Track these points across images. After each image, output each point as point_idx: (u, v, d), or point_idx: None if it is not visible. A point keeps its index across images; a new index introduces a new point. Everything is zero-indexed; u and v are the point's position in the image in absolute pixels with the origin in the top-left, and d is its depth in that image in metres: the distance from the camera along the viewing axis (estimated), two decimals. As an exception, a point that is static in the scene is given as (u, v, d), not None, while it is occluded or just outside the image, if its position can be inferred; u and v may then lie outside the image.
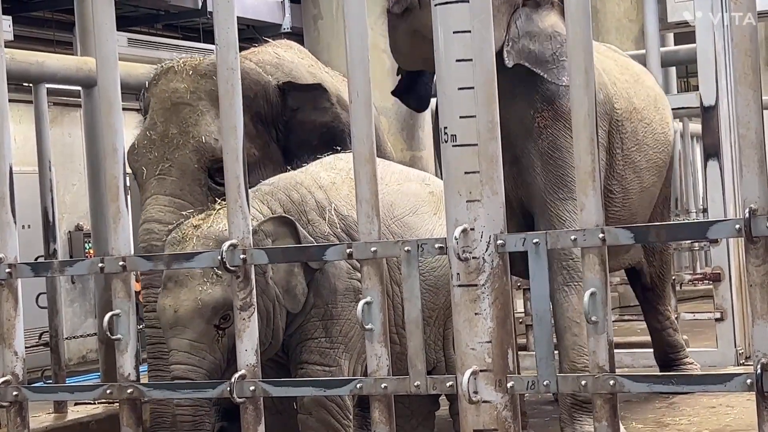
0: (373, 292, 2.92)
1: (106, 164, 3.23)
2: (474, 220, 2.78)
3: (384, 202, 4.55)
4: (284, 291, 4.14)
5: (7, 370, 3.33)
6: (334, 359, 4.22)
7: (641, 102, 5.93)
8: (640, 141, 5.86)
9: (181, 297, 3.99)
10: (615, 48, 6.71)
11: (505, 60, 5.02)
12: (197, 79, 4.86)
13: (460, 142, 2.79)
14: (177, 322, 3.99)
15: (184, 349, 3.98)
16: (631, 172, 5.79)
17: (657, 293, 6.68)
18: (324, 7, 8.44)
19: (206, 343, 3.97)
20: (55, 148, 9.30)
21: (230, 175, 3.09)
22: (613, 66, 5.99)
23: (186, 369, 3.96)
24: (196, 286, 3.96)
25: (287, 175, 4.52)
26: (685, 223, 2.84)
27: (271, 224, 4.11)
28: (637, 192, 5.88)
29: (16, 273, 3.32)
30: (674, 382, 2.76)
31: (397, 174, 4.74)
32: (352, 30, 2.91)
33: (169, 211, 4.67)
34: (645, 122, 5.92)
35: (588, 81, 2.74)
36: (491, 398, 2.78)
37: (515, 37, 5.07)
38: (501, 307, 2.78)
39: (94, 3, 3.22)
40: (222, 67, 3.07)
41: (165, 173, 4.74)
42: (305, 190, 4.38)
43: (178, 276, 4.00)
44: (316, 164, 4.60)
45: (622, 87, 5.81)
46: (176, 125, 4.78)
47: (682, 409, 6.09)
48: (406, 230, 4.47)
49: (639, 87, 6.01)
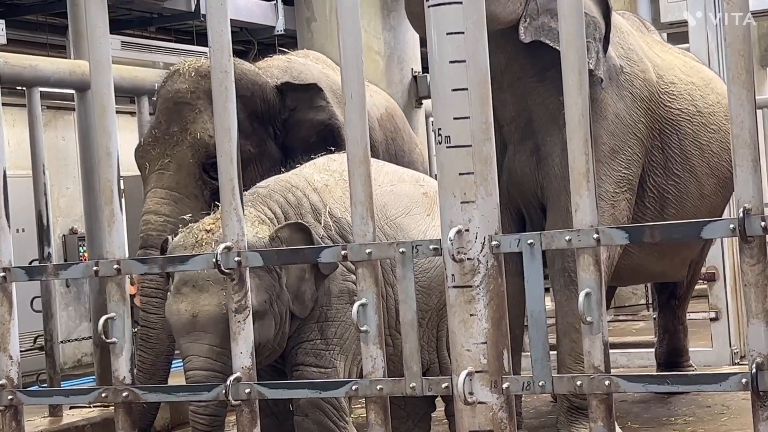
0: (369, 293, 2.92)
1: (100, 167, 3.23)
2: (469, 221, 2.77)
3: (377, 203, 4.55)
4: (294, 296, 4.12)
5: (2, 374, 3.32)
6: (329, 361, 4.22)
7: (708, 107, 5.80)
8: (702, 146, 5.72)
9: (201, 301, 3.94)
10: (692, 55, 6.63)
11: (521, 35, 4.92)
12: (198, 79, 5.13)
13: (455, 143, 2.79)
14: (196, 327, 3.93)
15: (205, 355, 3.91)
16: (689, 176, 5.67)
17: (681, 300, 6.70)
18: (317, 9, 8.45)
19: (228, 348, 3.93)
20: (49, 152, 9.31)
21: (224, 178, 3.08)
22: (679, 65, 5.88)
23: (208, 375, 3.89)
24: (218, 291, 3.87)
25: (281, 178, 4.52)
26: (679, 222, 2.84)
27: (287, 230, 4.10)
28: (696, 197, 5.74)
29: (10, 277, 3.31)
30: (670, 381, 2.76)
31: (390, 175, 4.74)
32: (345, 32, 2.91)
33: (164, 203, 4.97)
34: (711, 128, 5.77)
35: (581, 81, 2.74)
36: (487, 399, 2.78)
37: (533, 13, 4.95)
38: (496, 308, 2.78)
39: (87, 6, 3.22)
40: (216, 69, 3.07)
41: (164, 168, 5.05)
42: (300, 192, 4.39)
43: (195, 280, 3.95)
44: (308, 166, 4.60)
45: (683, 88, 5.69)
46: (177, 123, 5.09)
47: (677, 408, 6.10)
48: (399, 231, 4.47)
49: (707, 92, 5.87)
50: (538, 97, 5.13)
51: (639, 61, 5.47)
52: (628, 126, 5.31)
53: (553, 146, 5.15)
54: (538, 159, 5.24)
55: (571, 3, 2.74)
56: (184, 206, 4.97)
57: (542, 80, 5.09)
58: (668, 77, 5.65)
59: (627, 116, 5.31)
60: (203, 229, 4.09)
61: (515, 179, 5.31)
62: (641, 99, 5.39)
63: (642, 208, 5.50)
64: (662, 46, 6.11)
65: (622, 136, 5.28)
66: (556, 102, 5.14)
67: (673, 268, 6.16)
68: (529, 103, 5.22)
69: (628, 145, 5.30)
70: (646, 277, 6.70)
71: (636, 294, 10.33)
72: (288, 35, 12.58)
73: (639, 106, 5.38)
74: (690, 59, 6.28)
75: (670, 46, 6.36)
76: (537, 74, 5.12)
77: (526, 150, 5.28)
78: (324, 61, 6.19)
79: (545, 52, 4.96)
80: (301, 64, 5.76)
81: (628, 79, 5.36)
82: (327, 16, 8.36)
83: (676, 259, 6.11)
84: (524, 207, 5.40)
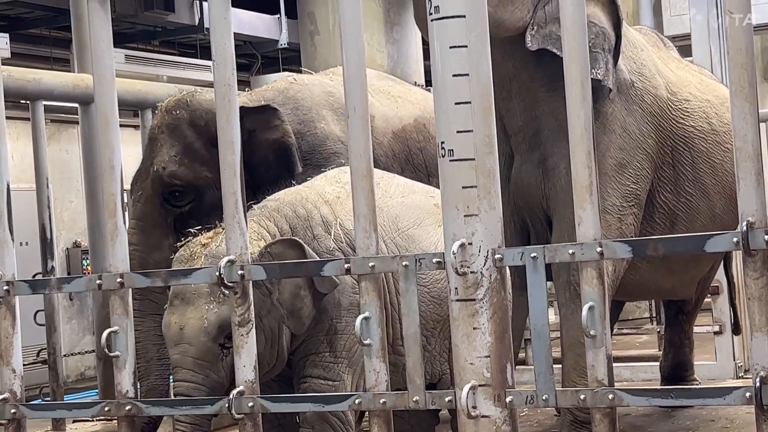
0: (372, 307, 2.92)
1: (103, 181, 3.23)
2: (472, 235, 2.77)
3: (388, 214, 4.57)
4: (289, 312, 4.13)
5: (5, 388, 3.32)
6: (337, 374, 4.22)
7: (722, 125, 5.72)
8: (715, 164, 5.64)
9: (188, 314, 4.00)
10: (710, 73, 6.60)
11: (528, 43, 4.90)
12: (163, 115, 5.53)
13: (457, 156, 2.79)
14: (182, 339, 4.00)
15: (188, 367, 3.98)
16: (700, 194, 5.60)
17: (689, 315, 6.68)
18: (320, 22, 8.47)
19: (210, 361, 3.97)
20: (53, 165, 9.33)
21: (227, 191, 3.09)
22: (694, 83, 5.80)
23: (189, 386, 3.96)
24: (203, 304, 3.97)
25: (292, 190, 4.55)
26: (682, 236, 2.83)
27: (280, 246, 4.11)
28: (707, 216, 5.66)
29: (13, 290, 3.32)
30: (673, 395, 2.76)
31: (401, 186, 4.75)
32: (348, 45, 2.92)
33: (133, 232, 5.27)
34: (725, 146, 5.68)
35: (584, 94, 2.75)
36: (490, 413, 2.77)
37: (541, 21, 4.92)
38: (499, 321, 2.78)
39: (91, 20, 3.23)
40: (219, 83, 3.07)
41: (137, 200, 5.51)
42: (311, 205, 4.40)
43: (185, 293, 4.00)
44: (320, 178, 4.64)
45: (697, 105, 5.62)
46: (147, 158, 5.53)
47: (681, 422, 6.08)
48: (411, 243, 4.48)
49: (723, 110, 5.77)
50: (547, 108, 5.12)
51: (651, 76, 5.45)
52: (636, 141, 5.29)
53: (560, 158, 5.12)
54: (544, 170, 5.22)
55: (574, 16, 2.75)
56: (150, 235, 5.39)
57: (551, 90, 5.08)
58: (682, 94, 5.61)
59: (636, 131, 5.29)
60: (200, 243, 4.15)
61: (521, 190, 5.30)
62: (651, 114, 5.37)
63: (652, 224, 5.47)
64: (678, 63, 6.07)
65: (630, 150, 5.26)
66: (564, 113, 5.11)
67: (682, 285, 6.14)
68: (537, 113, 5.21)
69: (636, 160, 5.28)
70: (655, 293, 6.67)
71: (640, 308, 10.31)
72: (291, 49, 12.59)
73: (649, 121, 5.35)
74: (707, 77, 6.25)
75: (688, 64, 6.32)
76: (546, 84, 5.11)
77: (533, 161, 5.26)
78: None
79: (554, 63, 4.95)
80: (302, 86, 5.90)
81: (639, 94, 5.34)
82: (330, 30, 8.38)
83: (686, 277, 6.08)
84: (529, 218, 5.38)
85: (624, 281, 5.32)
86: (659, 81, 5.48)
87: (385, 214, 4.53)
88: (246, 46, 13.07)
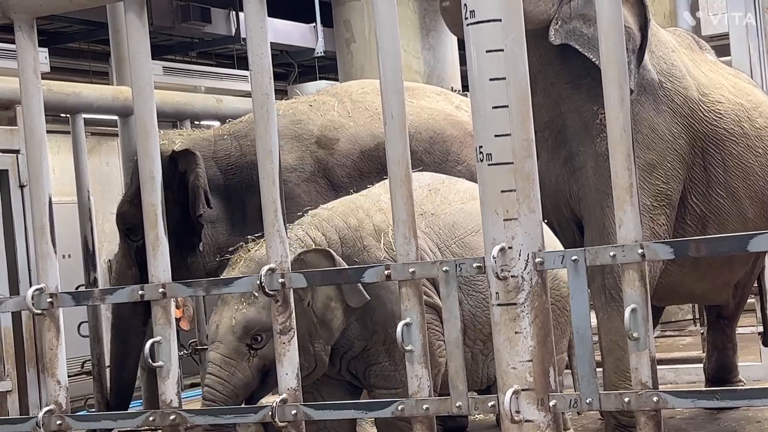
0: (412, 313, 2.91)
1: (144, 192, 3.25)
2: (512, 239, 2.76)
3: (445, 222, 4.60)
4: (320, 321, 4.26)
5: (50, 399, 3.34)
6: (399, 381, 4.32)
7: (755, 130, 5.68)
8: (747, 168, 5.60)
9: (223, 314, 4.29)
10: (746, 77, 6.52)
11: (551, 37, 4.90)
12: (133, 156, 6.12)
13: (496, 160, 2.78)
14: (216, 336, 4.30)
15: (216, 363, 4.26)
16: (732, 197, 5.55)
17: (729, 319, 6.62)
18: (356, 30, 8.49)
19: (236, 359, 4.23)
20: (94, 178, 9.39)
21: (266, 200, 3.09)
22: (727, 86, 5.77)
23: (215, 381, 4.25)
24: (234, 305, 4.25)
25: (347, 199, 4.67)
26: (725, 236, 2.79)
27: (314, 256, 4.23)
28: (738, 220, 5.60)
29: (57, 302, 3.34)
30: (719, 397, 2.73)
31: (462, 192, 4.77)
32: (384, 52, 2.92)
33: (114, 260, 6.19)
34: (757, 150, 5.65)
35: (623, 96, 2.73)
36: (534, 417, 2.76)
37: (566, 16, 4.92)
38: (541, 325, 2.77)
39: (129, 33, 3.25)
40: (257, 92, 3.08)
41: None
42: (363, 214, 4.47)
43: (226, 295, 4.29)
44: (379, 186, 4.74)
45: (729, 108, 5.57)
46: None
47: (727, 424, 6.03)
48: (467, 250, 4.50)
49: (755, 115, 5.75)
50: (572, 105, 5.10)
51: (681, 77, 5.41)
52: (666, 141, 5.25)
53: (586, 157, 5.11)
54: (571, 169, 5.20)
55: (611, 17, 2.74)
56: (119, 265, 6.09)
57: (576, 88, 5.06)
58: (714, 96, 5.56)
59: (666, 131, 5.25)
60: (246, 249, 4.45)
61: (547, 188, 5.26)
62: (681, 115, 5.33)
63: (683, 226, 5.43)
64: (712, 66, 6.00)
65: (660, 150, 5.22)
66: (590, 111, 5.10)
67: (714, 289, 6.07)
68: (562, 109, 5.18)
69: (667, 160, 5.24)
70: (686, 297, 6.62)
71: (683, 309, 10.23)
72: (328, 57, 12.64)
73: (679, 122, 5.32)
74: (742, 81, 6.18)
75: (723, 66, 6.25)
76: (571, 81, 5.09)
77: (559, 158, 5.24)
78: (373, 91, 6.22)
79: (578, 59, 4.95)
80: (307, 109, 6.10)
81: (668, 95, 5.30)
82: (366, 37, 8.40)
83: (717, 281, 6.02)
84: (555, 216, 5.34)
85: (655, 285, 5.28)
86: (690, 82, 5.44)
87: (441, 221, 4.57)
88: (283, 55, 13.12)
